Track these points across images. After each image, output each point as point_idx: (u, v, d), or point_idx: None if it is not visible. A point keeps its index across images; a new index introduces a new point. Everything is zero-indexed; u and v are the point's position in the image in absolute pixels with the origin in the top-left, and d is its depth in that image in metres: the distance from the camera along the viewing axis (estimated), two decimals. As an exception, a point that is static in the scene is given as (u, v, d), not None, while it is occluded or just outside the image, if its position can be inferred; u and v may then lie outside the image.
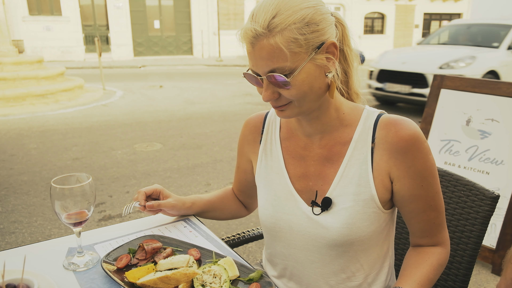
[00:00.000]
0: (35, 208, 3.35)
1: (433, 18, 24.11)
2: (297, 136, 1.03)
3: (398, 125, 0.91)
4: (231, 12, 20.23)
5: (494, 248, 2.43)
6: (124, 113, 7.28)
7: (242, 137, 1.15)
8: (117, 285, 0.91)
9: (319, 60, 0.84)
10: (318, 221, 0.97)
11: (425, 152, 0.91)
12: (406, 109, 7.61)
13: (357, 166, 0.94)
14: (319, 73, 0.86)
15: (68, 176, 0.97)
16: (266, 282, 0.91)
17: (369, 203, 0.93)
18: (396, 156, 0.91)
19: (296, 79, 0.83)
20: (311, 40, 0.82)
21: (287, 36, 0.80)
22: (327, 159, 0.98)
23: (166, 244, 1.05)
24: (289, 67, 0.82)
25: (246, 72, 0.88)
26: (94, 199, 0.98)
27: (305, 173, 1.01)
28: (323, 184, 0.98)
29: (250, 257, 2.69)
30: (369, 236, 0.95)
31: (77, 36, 17.90)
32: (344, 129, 0.97)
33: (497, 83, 2.53)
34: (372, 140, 0.93)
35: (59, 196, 0.93)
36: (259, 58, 0.82)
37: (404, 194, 0.94)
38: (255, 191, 1.16)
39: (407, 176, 0.91)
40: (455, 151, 2.66)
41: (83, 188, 0.94)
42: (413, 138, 0.90)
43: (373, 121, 0.95)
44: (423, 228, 0.97)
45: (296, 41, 0.80)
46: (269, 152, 1.07)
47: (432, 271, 0.94)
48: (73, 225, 0.97)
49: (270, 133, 1.08)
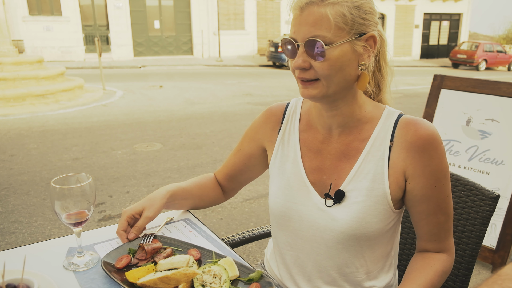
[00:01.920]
0: (35, 208, 3.35)
1: (433, 18, 24.11)
2: (316, 129, 1.04)
3: (418, 125, 0.93)
4: (231, 12, 20.23)
5: (494, 248, 2.43)
6: (124, 113, 7.28)
7: (259, 123, 1.15)
8: (117, 285, 0.91)
9: (357, 45, 0.87)
10: (329, 212, 0.98)
11: (441, 153, 0.93)
12: (407, 109, 7.61)
13: (373, 163, 0.96)
14: (354, 58, 0.89)
15: (68, 176, 0.97)
16: (266, 282, 0.91)
17: (381, 200, 0.94)
18: (413, 155, 0.93)
19: (332, 53, 0.86)
20: (356, 24, 0.86)
21: (337, 10, 0.84)
22: (344, 154, 0.99)
23: (166, 244, 1.05)
24: (330, 39, 0.85)
25: (284, 38, 0.90)
26: (94, 199, 0.98)
27: (321, 167, 1.02)
28: (337, 179, 0.99)
29: (250, 257, 2.69)
30: (376, 232, 0.96)
31: (77, 36, 17.90)
32: (364, 126, 0.98)
33: (497, 83, 2.53)
34: (391, 139, 0.95)
35: (59, 196, 0.93)
36: (304, 23, 0.85)
37: (417, 193, 0.95)
38: (246, 178, 1.23)
39: (422, 175, 0.93)
40: (455, 151, 2.66)
41: (83, 188, 0.94)
42: (432, 138, 0.92)
43: (394, 120, 0.97)
44: (432, 231, 0.98)
45: (344, 17, 0.84)
46: (286, 142, 1.08)
47: (436, 277, 0.94)
48: (73, 225, 0.96)
49: (290, 123, 1.09)
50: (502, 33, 32.35)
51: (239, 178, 1.24)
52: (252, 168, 1.20)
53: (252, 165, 1.19)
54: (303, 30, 0.86)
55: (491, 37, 31.84)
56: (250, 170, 1.21)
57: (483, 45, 19.76)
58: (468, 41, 20.97)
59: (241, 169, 1.22)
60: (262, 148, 1.16)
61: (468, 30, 25.43)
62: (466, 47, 19.89)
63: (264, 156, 1.17)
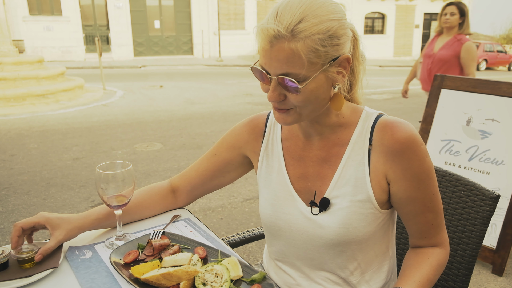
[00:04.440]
0: (35, 208, 3.36)
1: (433, 18, 24.10)
2: (297, 136, 1.04)
3: (395, 127, 0.92)
4: (231, 12, 20.24)
5: (494, 248, 2.43)
6: (124, 113, 7.28)
7: (242, 133, 1.14)
8: (118, 285, 0.92)
9: (331, 72, 0.85)
10: (315, 221, 0.98)
11: (421, 154, 0.91)
12: (407, 109, 7.61)
13: (354, 167, 0.95)
14: (327, 84, 0.87)
15: (112, 163, 1.07)
16: (268, 284, 0.91)
17: (366, 204, 0.94)
18: (392, 159, 0.92)
19: (307, 87, 0.83)
20: (330, 53, 0.82)
21: (309, 45, 0.79)
22: (325, 160, 0.99)
23: (175, 241, 1.07)
24: (303, 75, 0.82)
25: (255, 67, 0.87)
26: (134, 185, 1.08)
27: (304, 174, 1.02)
28: (321, 185, 0.99)
29: (250, 257, 2.69)
30: (366, 236, 0.96)
31: (78, 36, 17.91)
32: (343, 131, 0.98)
33: (497, 83, 2.53)
34: (369, 142, 0.94)
35: (103, 181, 1.04)
36: (275, 59, 0.81)
37: (401, 196, 0.94)
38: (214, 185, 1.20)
39: (403, 178, 0.92)
40: (456, 151, 2.66)
41: (124, 174, 1.05)
42: (409, 141, 0.90)
43: (371, 122, 0.95)
44: (421, 229, 0.97)
45: (316, 52, 0.80)
46: (270, 152, 1.08)
47: (432, 271, 0.94)
48: (115, 208, 1.06)
49: (272, 133, 1.09)
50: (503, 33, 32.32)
51: (207, 185, 1.20)
52: (226, 174, 1.18)
53: (227, 171, 1.17)
54: (275, 65, 0.82)
55: (491, 37, 31.80)
56: (223, 176, 1.18)
57: (483, 45, 19.76)
58: (468, 41, 20.94)
59: (213, 175, 1.18)
60: (243, 156, 1.15)
61: (468, 30, 25.41)
62: (466, 47, 19.86)
63: (242, 164, 1.16)
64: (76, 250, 1.06)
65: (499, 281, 2.41)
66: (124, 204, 1.07)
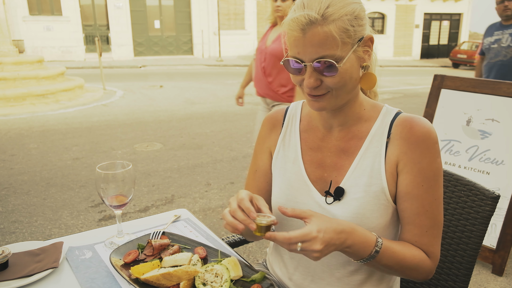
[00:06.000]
0: (35, 208, 3.36)
1: (433, 18, 24.11)
2: (317, 128, 1.06)
3: (414, 122, 0.94)
4: (231, 12, 20.24)
5: (494, 248, 2.43)
6: (124, 113, 7.28)
7: (263, 133, 1.15)
8: (118, 285, 0.91)
9: (359, 52, 0.90)
10: (329, 210, 0.98)
11: (434, 152, 0.93)
12: (406, 110, 7.60)
13: (370, 159, 0.97)
14: (357, 64, 0.91)
15: (112, 163, 1.08)
16: (268, 284, 0.91)
17: (379, 195, 0.95)
18: (405, 150, 0.93)
19: (343, 67, 0.87)
20: (358, 33, 0.87)
21: (340, 26, 0.84)
22: (343, 151, 1.01)
23: (175, 241, 1.07)
24: (338, 56, 0.86)
25: (287, 59, 0.90)
26: (133, 184, 1.09)
27: (321, 164, 1.03)
28: (337, 175, 1.00)
29: (250, 257, 2.69)
30: (377, 229, 0.96)
31: (78, 36, 17.90)
32: (363, 123, 1.00)
33: (497, 83, 2.53)
34: (388, 135, 0.96)
35: (103, 180, 1.04)
36: (309, 44, 0.85)
37: (402, 189, 0.94)
38: None
39: (410, 171, 0.93)
40: (456, 151, 2.66)
41: (123, 174, 1.05)
42: (425, 135, 0.92)
43: (391, 118, 0.98)
44: (414, 232, 0.94)
45: (347, 32, 0.85)
46: (287, 142, 1.09)
47: (410, 257, 0.92)
48: (115, 208, 1.07)
49: (290, 125, 1.10)
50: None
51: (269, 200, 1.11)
52: None
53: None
54: (309, 51, 0.86)
55: (492, 37, 31.72)
56: None
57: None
58: (469, 41, 20.96)
59: (267, 189, 1.12)
60: (271, 154, 1.15)
61: (468, 30, 25.42)
62: (466, 47, 19.88)
63: None
64: (76, 250, 1.06)
65: (499, 281, 2.41)
66: (124, 204, 1.07)
